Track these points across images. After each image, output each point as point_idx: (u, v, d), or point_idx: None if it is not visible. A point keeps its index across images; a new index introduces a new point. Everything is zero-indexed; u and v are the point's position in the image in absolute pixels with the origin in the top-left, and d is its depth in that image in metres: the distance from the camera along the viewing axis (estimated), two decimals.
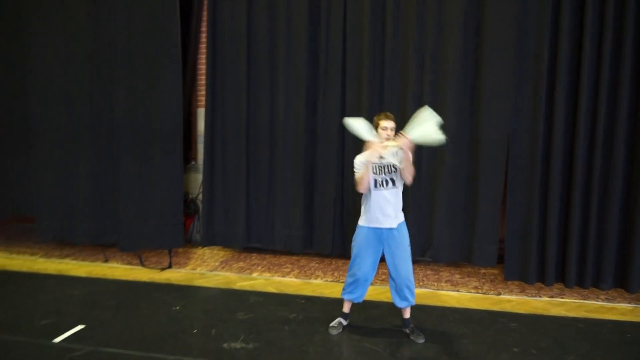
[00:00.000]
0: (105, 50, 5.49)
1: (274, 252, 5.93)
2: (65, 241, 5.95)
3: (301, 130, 5.53)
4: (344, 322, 3.95)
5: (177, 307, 4.34)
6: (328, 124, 5.49)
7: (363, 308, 4.27)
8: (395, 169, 3.59)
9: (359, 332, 3.85)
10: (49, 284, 4.89)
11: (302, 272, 5.38)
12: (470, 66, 5.02)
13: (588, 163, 4.71)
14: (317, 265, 5.62)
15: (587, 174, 4.72)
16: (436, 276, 5.30)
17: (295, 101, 5.52)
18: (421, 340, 3.72)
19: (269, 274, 5.28)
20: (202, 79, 6.25)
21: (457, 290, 4.86)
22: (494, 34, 4.84)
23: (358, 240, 3.74)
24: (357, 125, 3.51)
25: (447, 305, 4.48)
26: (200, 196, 6.27)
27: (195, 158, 6.41)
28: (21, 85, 5.76)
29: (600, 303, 4.55)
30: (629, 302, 4.55)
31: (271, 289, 4.81)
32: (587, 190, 4.73)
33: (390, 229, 3.65)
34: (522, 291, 4.84)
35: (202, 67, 6.21)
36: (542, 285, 4.93)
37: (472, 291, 4.85)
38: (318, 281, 5.08)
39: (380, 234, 3.67)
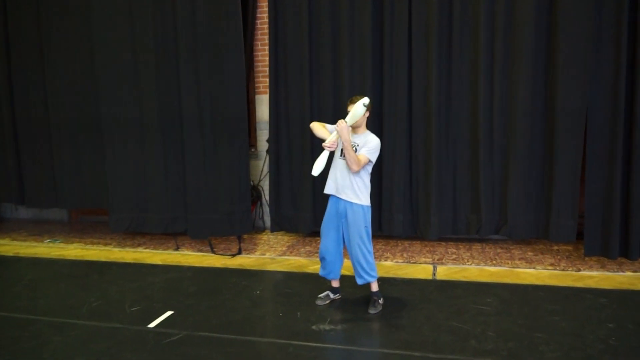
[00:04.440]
0: (169, 42, 5.55)
1: None
2: (136, 231, 6.11)
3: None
4: (332, 296, 4.12)
5: (258, 292, 4.41)
6: (395, 106, 5.42)
7: (444, 286, 4.26)
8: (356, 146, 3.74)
9: (444, 311, 3.83)
10: (129, 272, 5.05)
11: None
12: (543, 32, 4.85)
13: None
14: (383, 247, 5.60)
15: None
16: (508, 254, 5.22)
17: (360, 85, 5.43)
18: (372, 311, 3.84)
19: None
20: (258, 66, 6.28)
21: (534, 268, 4.77)
22: None
23: (325, 215, 3.93)
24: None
25: (527, 282, 4.41)
26: (261, 183, 6.34)
27: (255, 145, 6.45)
28: (91, 83, 5.88)
29: None
30: None
31: (344, 271, 4.81)
32: None
33: (346, 202, 3.75)
34: (602, 267, 4.72)
35: (258, 54, 6.24)
36: (623, 260, 4.78)
37: (549, 268, 4.75)
38: (389, 263, 5.07)
39: (338, 205, 3.79)
